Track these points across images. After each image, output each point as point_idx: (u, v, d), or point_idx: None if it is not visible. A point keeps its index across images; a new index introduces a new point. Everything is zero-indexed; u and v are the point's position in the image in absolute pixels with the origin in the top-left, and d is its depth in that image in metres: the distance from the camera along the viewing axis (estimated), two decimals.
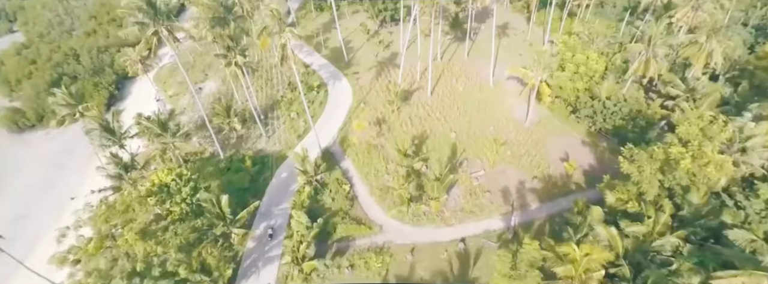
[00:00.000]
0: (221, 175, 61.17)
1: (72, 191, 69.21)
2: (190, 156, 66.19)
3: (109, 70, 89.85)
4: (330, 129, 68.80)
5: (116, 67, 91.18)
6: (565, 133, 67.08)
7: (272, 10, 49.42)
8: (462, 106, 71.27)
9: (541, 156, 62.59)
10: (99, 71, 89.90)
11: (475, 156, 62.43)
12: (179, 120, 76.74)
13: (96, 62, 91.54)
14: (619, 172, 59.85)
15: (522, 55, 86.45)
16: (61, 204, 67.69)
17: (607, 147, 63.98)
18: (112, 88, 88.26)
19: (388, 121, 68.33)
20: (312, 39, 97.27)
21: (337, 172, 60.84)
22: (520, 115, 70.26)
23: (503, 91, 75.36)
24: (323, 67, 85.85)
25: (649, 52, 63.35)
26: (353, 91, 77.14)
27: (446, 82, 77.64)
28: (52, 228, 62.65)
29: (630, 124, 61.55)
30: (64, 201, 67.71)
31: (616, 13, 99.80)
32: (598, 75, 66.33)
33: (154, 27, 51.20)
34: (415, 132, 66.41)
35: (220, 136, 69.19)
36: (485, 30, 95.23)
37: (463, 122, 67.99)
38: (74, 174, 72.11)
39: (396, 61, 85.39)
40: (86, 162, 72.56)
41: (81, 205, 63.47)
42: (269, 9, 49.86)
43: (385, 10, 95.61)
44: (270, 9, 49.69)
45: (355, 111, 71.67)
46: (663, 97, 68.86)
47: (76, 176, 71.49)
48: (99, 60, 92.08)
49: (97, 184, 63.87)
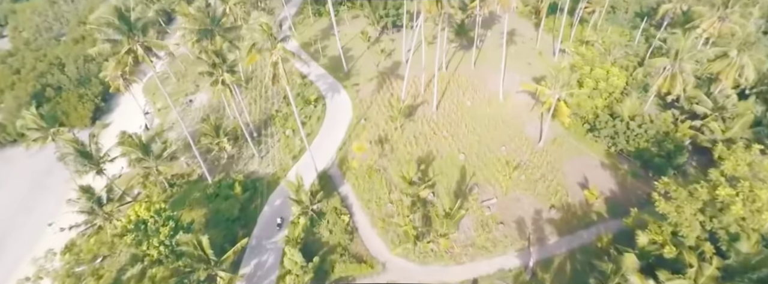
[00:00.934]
0: (209, 203, 54.48)
1: (50, 215, 62.41)
2: (176, 179, 59.44)
3: (95, 81, 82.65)
4: (328, 148, 61.99)
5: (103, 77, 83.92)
6: (582, 154, 60.38)
7: (262, 25, 42.20)
8: (470, 123, 64.47)
9: (557, 181, 55.88)
10: (85, 82, 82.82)
11: (486, 181, 55.71)
12: (167, 136, 69.86)
13: (82, 71, 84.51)
14: (646, 200, 53.71)
15: (531, 64, 79.64)
16: (38, 230, 61.02)
17: (629, 170, 57.37)
18: (98, 100, 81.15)
19: (390, 140, 61.56)
20: (309, 46, 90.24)
21: (335, 199, 54.17)
22: (533, 132, 63.51)
23: (514, 105, 68.51)
24: (321, 78, 78.84)
25: (675, 67, 56.53)
26: (353, 105, 70.23)
27: (452, 95, 70.79)
28: (26, 259, 56.05)
29: (655, 147, 54.72)
30: (41, 227, 61.03)
31: (628, 18, 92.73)
32: (618, 91, 59.45)
33: (128, 44, 44.24)
34: (420, 152, 59.65)
35: (209, 157, 62.38)
36: (491, 37, 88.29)
37: (472, 141, 61.22)
38: (54, 196, 65.26)
39: (398, 71, 78.50)
40: (66, 184, 65.69)
41: (47, 247, 56.46)
42: (259, 23, 42.56)
43: (386, 15, 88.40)
44: (260, 23, 42.42)
45: (354, 128, 64.82)
46: (686, 113, 62.26)
47: (56, 199, 64.58)
48: (85, 69, 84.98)
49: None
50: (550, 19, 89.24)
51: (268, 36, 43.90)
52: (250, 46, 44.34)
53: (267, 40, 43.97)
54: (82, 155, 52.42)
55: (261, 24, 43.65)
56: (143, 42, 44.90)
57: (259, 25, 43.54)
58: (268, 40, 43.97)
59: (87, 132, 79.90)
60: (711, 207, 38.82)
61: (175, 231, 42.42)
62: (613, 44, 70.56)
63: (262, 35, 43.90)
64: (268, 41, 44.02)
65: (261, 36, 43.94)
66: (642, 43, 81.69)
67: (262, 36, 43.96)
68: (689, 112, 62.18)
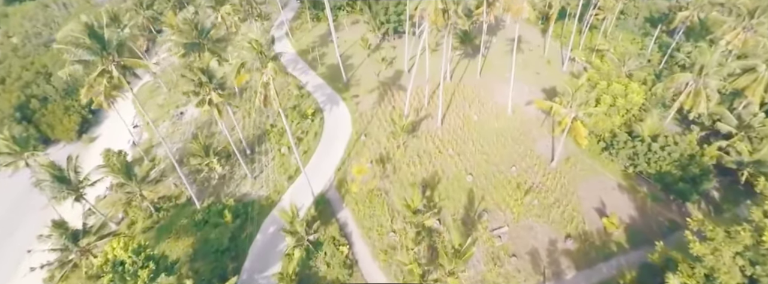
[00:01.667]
0: (197, 231, 49.46)
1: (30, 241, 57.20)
2: (163, 202, 54.34)
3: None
4: (326, 168, 56.93)
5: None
6: (597, 174, 55.38)
7: (251, 42, 36.97)
8: (477, 139, 59.39)
9: (572, 206, 50.87)
10: (72, 92, 77.47)
11: (496, 206, 50.69)
12: (155, 153, 64.85)
13: (70, 81, 79.09)
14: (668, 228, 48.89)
15: (539, 73, 74.58)
16: (18, 257, 56.06)
17: (649, 193, 52.46)
18: (85, 112, 75.85)
19: (392, 159, 56.50)
20: (307, 54, 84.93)
21: (333, 227, 49.20)
22: (545, 150, 58.45)
23: (523, 119, 63.39)
24: (319, 89, 73.60)
25: (700, 83, 51.38)
26: (352, 119, 65.07)
27: (458, 108, 65.63)
28: None
29: (679, 170, 49.66)
30: (21, 254, 56.02)
31: (638, 24, 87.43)
32: (637, 107, 54.30)
33: (101, 65, 39.05)
34: (424, 173, 54.61)
35: (199, 177, 57.25)
36: (496, 43, 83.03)
37: (480, 160, 56.15)
38: (35, 218, 60.15)
39: (400, 81, 73.32)
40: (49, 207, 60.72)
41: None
42: (248, 40, 37.33)
43: (387, 22, 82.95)
44: (248, 40, 37.20)
45: (354, 145, 59.70)
46: (706, 129, 57.29)
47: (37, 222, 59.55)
48: (73, 79, 79.51)
49: None
50: (558, 26, 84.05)
51: (257, 54, 38.69)
52: (238, 65, 39.08)
53: (257, 58, 38.76)
54: (59, 180, 47.30)
55: (250, 41, 38.40)
56: (119, 61, 39.63)
57: (248, 43, 38.30)
58: (258, 58, 38.77)
59: (73, 146, 75.44)
60: (753, 250, 33.86)
61: (155, 273, 37.33)
62: (628, 54, 65.04)
63: (251, 53, 38.69)
64: (257, 60, 38.81)
65: (250, 54, 38.73)
66: (655, 51, 76.50)
67: (251, 54, 38.74)
68: (710, 128, 57.29)
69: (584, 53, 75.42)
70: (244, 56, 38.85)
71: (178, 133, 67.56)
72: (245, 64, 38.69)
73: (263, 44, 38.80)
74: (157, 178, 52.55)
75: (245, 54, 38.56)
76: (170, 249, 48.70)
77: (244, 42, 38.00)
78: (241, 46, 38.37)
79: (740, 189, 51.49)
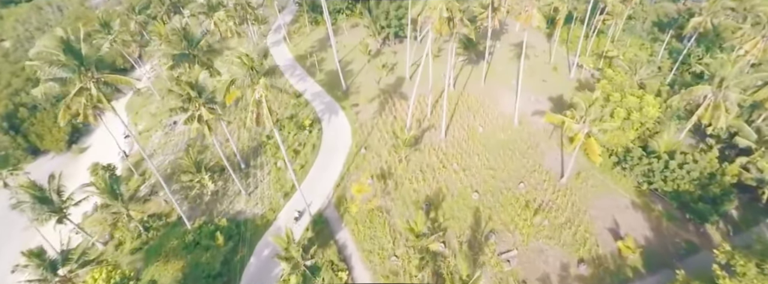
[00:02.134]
0: (187, 253, 46.07)
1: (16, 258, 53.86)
2: (153, 221, 50.88)
3: None
4: (324, 184, 53.49)
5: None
6: (609, 191, 51.91)
7: (241, 57, 33.38)
8: (483, 153, 55.93)
9: (585, 226, 47.42)
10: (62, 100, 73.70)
11: (504, 227, 47.24)
12: (146, 166, 61.34)
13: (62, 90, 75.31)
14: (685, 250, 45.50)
15: (546, 81, 71.02)
16: (1, 277, 52.70)
17: (664, 212, 49.02)
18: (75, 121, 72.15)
19: (394, 174, 53.06)
20: (305, 59, 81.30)
21: (331, 250, 45.77)
22: (554, 164, 54.99)
23: (530, 131, 59.89)
24: (317, 97, 70.06)
25: (719, 96, 47.82)
26: (352, 130, 61.59)
27: (462, 118, 62.17)
28: None
29: (698, 190, 46.20)
30: (4, 275, 52.64)
31: (646, 29, 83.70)
32: (652, 121, 50.77)
33: (79, 82, 35.52)
34: (427, 189, 51.18)
35: (191, 194, 53.75)
36: (501, 49, 79.49)
37: (486, 176, 52.69)
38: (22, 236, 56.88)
39: (401, 88, 69.77)
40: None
41: None
42: (238, 55, 33.73)
43: (388, 26, 79.26)
44: (238, 55, 33.59)
45: (354, 159, 56.21)
46: (721, 142, 53.82)
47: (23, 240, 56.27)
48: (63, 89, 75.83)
49: None
50: (564, 30, 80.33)
51: (248, 70, 35.11)
52: (227, 82, 35.50)
53: (248, 74, 35.20)
54: (41, 201, 43.91)
55: (240, 55, 34.81)
56: (99, 78, 36.07)
57: (239, 57, 34.71)
58: (249, 74, 35.21)
59: (63, 157, 71.99)
60: None
61: None
62: (640, 63, 61.39)
63: (242, 68, 35.11)
64: (248, 76, 35.26)
65: (241, 69, 35.15)
66: (665, 57, 72.86)
67: (242, 69, 35.16)
68: (726, 142, 53.84)
69: (592, 59, 71.80)
70: (235, 72, 35.21)
71: (171, 144, 64.06)
72: (235, 80, 35.07)
73: (255, 59, 35.12)
74: (146, 198, 49.30)
75: (235, 69, 34.90)
76: (159, 273, 45.42)
77: (233, 57, 34.33)
78: (231, 61, 34.67)
79: (760, 207, 48.21)
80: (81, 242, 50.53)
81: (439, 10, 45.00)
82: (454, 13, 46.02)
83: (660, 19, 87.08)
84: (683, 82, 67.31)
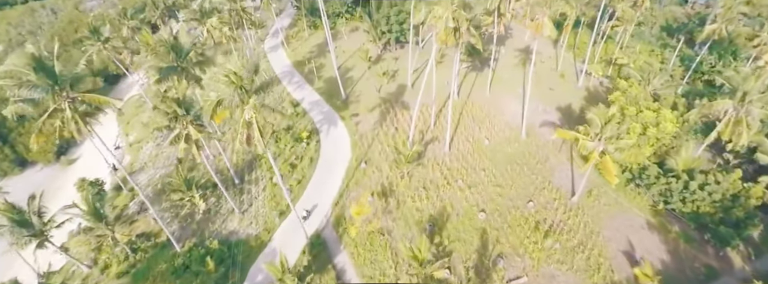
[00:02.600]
0: (176, 278, 42.73)
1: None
2: (142, 242, 47.54)
3: None
4: (322, 201, 50.16)
5: None
6: (623, 210, 48.57)
7: (229, 75, 29.90)
8: (489, 168, 52.59)
9: (598, 249, 44.11)
10: None
11: (513, 250, 43.91)
12: (137, 180, 57.97)
13: None
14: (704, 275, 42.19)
15: (553, 89, 67.58)
16: None
17: (681, 233, 45.72)
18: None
19: (396, 192, 49.74)
20: (303, 65, 77.80)
21: (329, 276, 42.46)
22: (564, 181, 51.65)
23: (538, 144, 56.53)
24: (315, 106, 66.62)
25: (741, 112, 44.37)
26: (352, 142, 58.20)
27: (467, 130, 58.81)
28: None
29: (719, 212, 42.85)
30: None
31: (655, 34, 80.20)
32: (669, 136, 47.36)
33: (53, 103, 32.14)
34: (431, 208, 47.85)
35: (182, 213, 50.36)
36: (505, 55, 76.00)
37: (493, 193, 49.35)
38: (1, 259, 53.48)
39: (403, 97, 66.37)
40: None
41: None
42: (225, 72, 30.29)
43: (389, 31, 75.72)
44: (226, 72, 30.15)
45: (353, 173, 52.85)
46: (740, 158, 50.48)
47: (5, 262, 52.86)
48: None
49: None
50: (571, 35, 76.63)
51: (237, 89, 31.70)
52: (213, 103, 32.07)
53: (236, 94, 31.79)
54: (20, 225, 40.56)
55: (228, 73, 31.37)
56: (75, 98, 32.67)
57: (226, 76, 31.28)
58: (238, 94, 31.80)
59: (51, 169, 68.59)
60: None
61: None
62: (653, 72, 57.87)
63: (229, 87, 31.68)
64: (237, 95, 31.85)
65: (228, 88, 31.72)
66: (677, 65, 69.36)
67: (229, 88, 31.74)
68: (744, 157, 50.55)
69: (600, 67, 68.31)
70: (222, 91, 31.81)
71: (163, 157, 60.66)
72: (222, 101, 31.65)
73: (245, 75, 31.68)
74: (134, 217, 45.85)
75: (223, 88, 31.49)
76: None
77: (220, 74, 30.88)
78: (218, 79, 31.25)
79: None
80: (65, 265, 47.51)
81: (445, 19, 41.52)
82: (460, 22, 42.53)
83: (668, 24, 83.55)
84: (696, 91, 63.93)
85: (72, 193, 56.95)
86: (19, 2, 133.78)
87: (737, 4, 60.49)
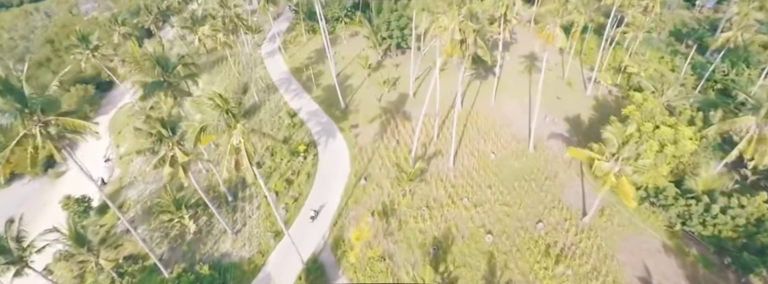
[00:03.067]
0: None
1: None
2: (129, 265, 44.36)
3: None
4: (320, 220, 46.94)
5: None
6: (637, 231, 45.29)
7: (214, 98, 26.60)
8: (496, 185, 49.35)
9: (613, 276, 40.86)
10: None
11: (522, 277, 40.70)
12: (126, 196, 54.81)
13: None
14: None
15: (560, 98, 64.20)
16: None
17: (699, 257, 42.43)
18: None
19: (397, 211, 46.51)
20: (301, 72, 74.46)
21: None
22: (574, 198, 48.38)
23: (547, 157, 53.26)
24: (313, 116, 63.34)
25: (765, 129, 41.05)
26: (351, 156, 54.98)
27: (471, 143, 55.58)
28: None
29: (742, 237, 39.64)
30: None
31: (664, 40, 76.79)
32: (687, 154, 44.07)
33: (23, 128, 28.87)
34: (435, 229, 44.66)
35: (171, 235, 47.12)
36: (510, 61, 72.55)
37: (500, 213, 46.11)
38: None
39: (405, 107, 63.14)
40: None
41: None
42: (209, 96, 26.96)
43: (390, 37, 72.34)
44: (210, 96, 26.82)
45: (352, 191, 49.63)
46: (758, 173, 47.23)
47: None
48: None
49: None
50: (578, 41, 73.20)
51: (223, 113, 28.40)
52: (197, 130, 28.77)
53: (222, 118, 28.51)
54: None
55: (213, 96, 28.07)
56: (48, 122, 29.40)
57: (211, 99, 27.97)
58: (224, 118, 28.51)
59: (38, 182, 65.31)
60: None
61: None
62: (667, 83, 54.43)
63: (214, 111, 28.39)
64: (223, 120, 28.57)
65: (213, 112, 28.44)
66: (688, 73, 65.98)
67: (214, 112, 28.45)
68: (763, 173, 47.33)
69: (609, 75, 64.99)
70: (206, 114, 28.53)
71: (154, 171, 57.23)
72: (206, 128, 28.36)
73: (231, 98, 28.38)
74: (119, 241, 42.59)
75: (208, 111, 28.20)
76: None
77: (204, 97, 27.60)
78: (201, 102, 27.96)
79: None
80: None
81: (451, 31, 38.17)
82: (467, 34, 39.17)
83: (677, 29, 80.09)
84: (709, 101, 60.70)
85: (58, 209, 53.79)
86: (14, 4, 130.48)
87: (751, 11, 57.25)
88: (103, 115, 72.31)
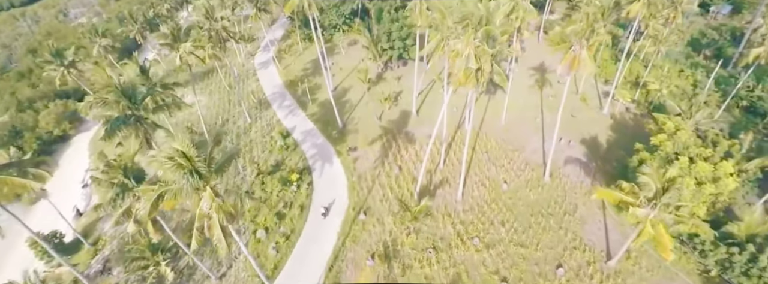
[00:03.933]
0: None
1: None
2: None
3: (29, 136, 60.52)
4: (314, 262, 40.84)
5: (40, 130, 61.98)
6: (668, 277, 39.22)
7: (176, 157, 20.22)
8: (510, 220, 43.24)
9: None
10: (16, 136, 60.65)
11: None
12: (102, 229, 48.69)
13: (15, 121, 62.19)
14: None
15: (575, 117, 57.93)
16: None
17: None
18: None
19: (400, 253, 40.41)
20: (296, 86, 68.01)
21: None
22: (597, 237, 42.28)
23: (565, 187, 47.12)
24: (308, 137, 57.08)
25: None
26: (349, 185, 48.81)
27: (481, 170, 49.47)
28: None
29: None
30: None
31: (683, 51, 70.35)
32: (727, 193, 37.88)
33: None
34: (443, 277, 38.59)
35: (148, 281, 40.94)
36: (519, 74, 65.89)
37: (516, 256, 40.03)
38: None
39: (407, 127, 56.99)
40: None
41: None
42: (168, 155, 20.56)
43: (390, 48, 65.91)
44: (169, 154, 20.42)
45: (351, 227, 43.50)
46: None
47: None
48: (18, 119, 62.66)
49: None
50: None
51: (186, 173, 22.08)
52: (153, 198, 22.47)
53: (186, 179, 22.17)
54: None
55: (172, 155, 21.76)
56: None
57: (169, 158, 21.64)
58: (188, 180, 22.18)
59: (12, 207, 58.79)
60: None
61: None
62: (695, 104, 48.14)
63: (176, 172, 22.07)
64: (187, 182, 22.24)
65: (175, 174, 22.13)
66: (712, 88, 59.66)
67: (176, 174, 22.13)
68: None
69: (627, 91, 58.71)
70: (168, 177, 22.21)
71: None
72: (164, 194, 22.08)
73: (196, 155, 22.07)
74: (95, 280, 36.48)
75: (169, 174, 21.89)
76: None
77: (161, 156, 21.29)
78: (160, 162, 21.61)
79: None
80: None
81: (465, 58, 31.78)
82: (483, 60, 32.79)
83: (694, 38, 73.62)
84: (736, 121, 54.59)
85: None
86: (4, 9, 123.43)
87: None
88: (85, 132, 65.91)
